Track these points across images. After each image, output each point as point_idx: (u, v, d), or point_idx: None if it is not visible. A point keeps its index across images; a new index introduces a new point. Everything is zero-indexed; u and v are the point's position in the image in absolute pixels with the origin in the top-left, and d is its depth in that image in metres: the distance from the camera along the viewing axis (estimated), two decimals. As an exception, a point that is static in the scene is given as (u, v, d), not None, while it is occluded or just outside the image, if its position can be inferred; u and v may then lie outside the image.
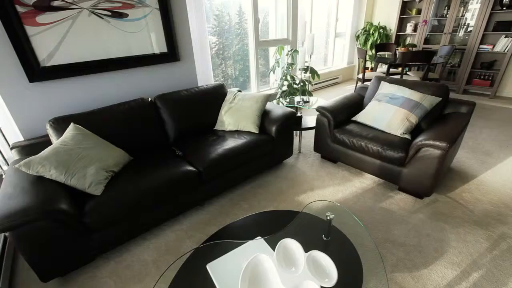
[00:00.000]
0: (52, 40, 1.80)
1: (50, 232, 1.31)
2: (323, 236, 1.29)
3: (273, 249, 1.14)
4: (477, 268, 1.46)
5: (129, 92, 2.27)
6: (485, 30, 4.01)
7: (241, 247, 1.23)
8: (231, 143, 2.06)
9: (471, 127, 3.20)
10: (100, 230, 1.50)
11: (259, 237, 1.28)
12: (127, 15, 2.06)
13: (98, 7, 1.91)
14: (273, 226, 1.36)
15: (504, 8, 3.82)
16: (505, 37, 3.92)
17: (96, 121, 1.86)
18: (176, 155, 2.00)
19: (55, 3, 1.75)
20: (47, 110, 1.91)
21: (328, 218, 1.24)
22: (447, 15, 4.34)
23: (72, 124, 1.73)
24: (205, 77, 2.97)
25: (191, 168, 1.82)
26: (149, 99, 2.16)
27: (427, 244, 1.63)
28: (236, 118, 2.25)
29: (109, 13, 1.97)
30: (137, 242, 1.74)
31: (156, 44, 2.28)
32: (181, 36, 2.43)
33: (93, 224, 1.44)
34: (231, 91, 2.46)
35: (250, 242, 1.25)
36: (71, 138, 1.63)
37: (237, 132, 2.23)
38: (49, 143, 1.77)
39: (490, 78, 4.20)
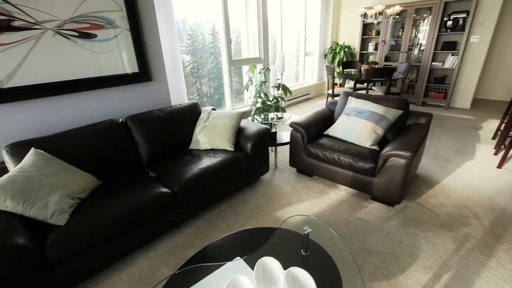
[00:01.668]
0: (11, 61, 1.70)
1: (5, 271, 1.17)
2: (301, 251, 1.30)
3: (253, 268, 1.12)
4: (447, 269, 1.54)
5: (99, 114, 2.18)
6: (435, 49, 4.49)
7: (219, 270, 1.19)
8: (206, 162, 2.03)
9: (431, 136, 3.47)
10: (65, 264, 1.37)
11: (238, 258, 1.25)
12: (95, 35, 2.02)
13: (64, 28, 1.86)
14: (252, 244, 1.34)
15: (448, 30, 4.33)
16: (451, 55, 4.42)
17: (60, 145, 1.75)
18: (149, 176, 1.93)
19: (15, 23, 1.67)
20: (5, 135, 1.77)
21: (305, 232, 1.26)
22: (403, 36, 4.80)
23: (32, 149, 1.61)
24: (179, 96, 2.95)
25: (165, 189, 1.76)
26: (120, 120, 2.09)
27: (401, 250, 1.69)
28: (211, 136, 2.24)
29: (76, 34, 1.92)
30: (107, 274, 1.61)
31: (127, 64, 2.25)
32: (153, 56, 2.42)
33: (56, 258, 1.32)
34: (205, 109, 2.46)
35: (228, 263, 1.22)
36: (31, 165, 1.51)
37: (212, 151, 2.21)
38: (5, 170, 1.62)
39: (443, 91, 4.65)
